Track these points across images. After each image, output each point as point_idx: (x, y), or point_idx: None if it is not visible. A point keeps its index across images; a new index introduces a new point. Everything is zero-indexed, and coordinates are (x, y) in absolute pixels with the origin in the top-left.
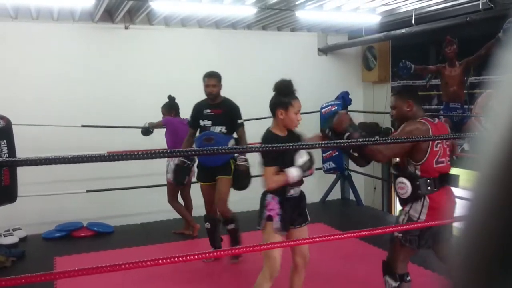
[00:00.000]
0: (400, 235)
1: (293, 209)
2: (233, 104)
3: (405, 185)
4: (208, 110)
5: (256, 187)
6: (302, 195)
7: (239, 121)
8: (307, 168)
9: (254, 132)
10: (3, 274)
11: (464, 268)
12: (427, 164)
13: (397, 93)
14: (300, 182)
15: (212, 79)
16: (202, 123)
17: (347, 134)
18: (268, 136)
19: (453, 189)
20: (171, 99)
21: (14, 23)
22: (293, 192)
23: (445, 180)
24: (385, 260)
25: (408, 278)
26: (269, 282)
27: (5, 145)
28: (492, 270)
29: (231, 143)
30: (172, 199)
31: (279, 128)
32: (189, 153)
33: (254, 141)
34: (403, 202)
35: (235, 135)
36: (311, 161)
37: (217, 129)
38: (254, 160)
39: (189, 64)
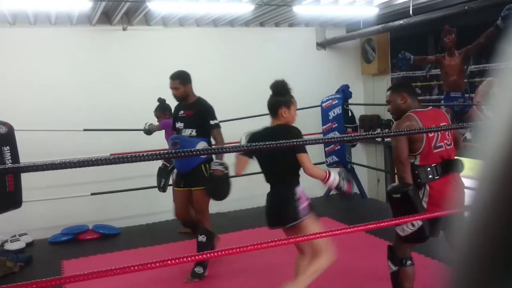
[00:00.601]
0: (404, 225)
1: None
2: (205, 105)
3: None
4: (182, 112)
5: (251, 185)
6: None
7: (212, 122)
8: (340, 187)
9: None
10: (11, 279)
11: (466, 266)
12: (426, 151)
13: (391, 87)
14: None
15: (174, 81)
16: (177, 125)
17: None
18: (295, 128)
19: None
20: (162, 101)
21: (12, 29)
22: None
23: (448, 167)
24: (390, 245)
25: (408, 262)
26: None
27: (8, 151)
28: (494, 268)
29: (201, 145)
30: None
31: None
32: (193, 153)
33: None
34: None
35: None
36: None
37: (188, 131)
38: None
39: (188, 63)
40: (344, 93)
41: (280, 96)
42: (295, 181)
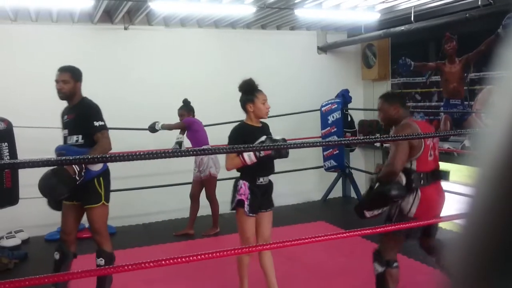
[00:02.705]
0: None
1: (261, 195)
2: (88, 104)
3: (399, 179)
4: (66, 116)
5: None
6: (270, 183)
7: (96, 123)
8: (260, 157)
9: None
10: (6, 276)
11: (465, 268)
12: (422, 157)
13: (383, 96)
14: (269, 171)
15: (64, 73)
16: (62, 132)
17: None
18: (239, 126)
19: (444, 184)
20: (188, 102)
21: (14, 25)
22: (262, 180)
23: (436, 176)
24: (375, 249)
25: (395, 264)
26: (247, 257)
27: (6, 147)
28: (492, 269)
29: None
30: (213, 195)
31: (252, 120)
32: (195, 152)
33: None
34: None
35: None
36: (268, 142)
37: (74, 139)
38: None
39: (189, 64)
40: (344, 97)
41: (247, 93)
42: (241, 175)
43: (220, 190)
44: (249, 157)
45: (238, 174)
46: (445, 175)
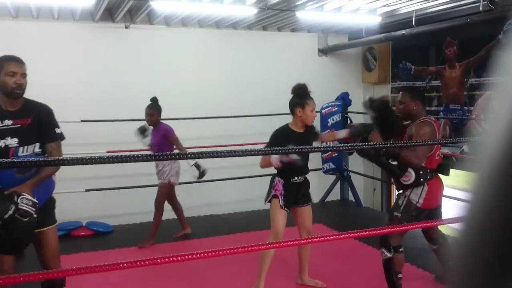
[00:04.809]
0: (400, 214)
1: (296, 191)
2: (43, 107)
3: (409, 174)
4: (9, 122)
5: (247, 188)
6: (305, 181)
7: (58, 130)
8: (282, 161)
9: (254, 131)
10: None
11: (463, 270)
12: (432, 157)
13: (408, 90)
14: (302, 172)
15: (24, 65)
16: (1, 142)
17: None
18: (282, 128)
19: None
20: (156, 100)
21: (15, 22)
22: (296, 178)
23: (437, 170)
24: (382, 236)
25: (401, 249)
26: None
27: None
28: (490, 272)
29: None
30: (162, 203)
31: (297, 124)
32: (192, 155)
33: (254, 141)
34: (405, 187)
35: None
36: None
37: (29, 149)
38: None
39: (189, 63)
40: (344, 100)
41: (299, 97)
42: (277, 173)
43: (228, 191)
44: (276, 158)
45: (230, 175)
46: (446, 168)
